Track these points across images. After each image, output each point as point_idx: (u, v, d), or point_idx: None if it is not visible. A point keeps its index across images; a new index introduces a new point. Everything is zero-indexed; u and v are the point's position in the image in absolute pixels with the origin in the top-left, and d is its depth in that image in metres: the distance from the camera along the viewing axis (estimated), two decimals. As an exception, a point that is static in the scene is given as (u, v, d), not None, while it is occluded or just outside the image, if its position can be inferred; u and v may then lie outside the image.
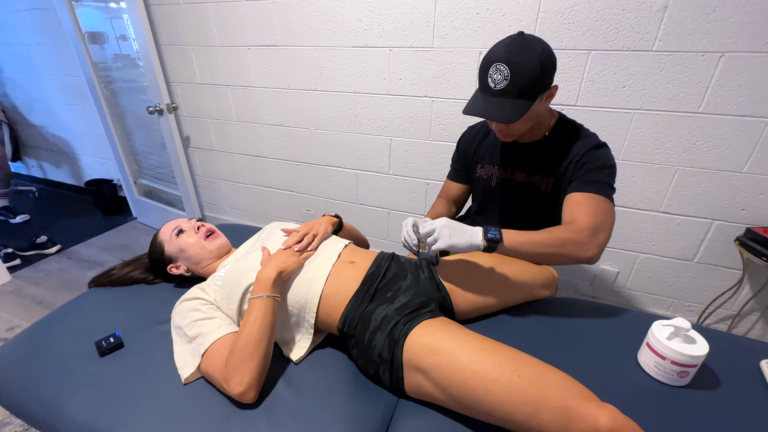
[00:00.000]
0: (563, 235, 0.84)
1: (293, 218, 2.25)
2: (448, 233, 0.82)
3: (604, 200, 0.88)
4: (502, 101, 0.84)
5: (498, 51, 0.83)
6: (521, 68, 0.81)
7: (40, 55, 2.50)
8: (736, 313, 1.51)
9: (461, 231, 0.83)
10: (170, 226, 1.03)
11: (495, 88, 0.84)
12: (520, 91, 0.83)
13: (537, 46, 0.82)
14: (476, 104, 0.88)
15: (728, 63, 1.19)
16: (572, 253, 0.83)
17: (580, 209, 0.87)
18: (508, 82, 0.82)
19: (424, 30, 1.49)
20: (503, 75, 0.82)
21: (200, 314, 0.84)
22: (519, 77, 0.81)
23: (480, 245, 0.81)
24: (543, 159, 0.99)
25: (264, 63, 1.83)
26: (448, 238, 0.81)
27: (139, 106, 2.16)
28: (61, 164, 3.01)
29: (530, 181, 1.03)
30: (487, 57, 0.85)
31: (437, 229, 0.83)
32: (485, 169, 1.11)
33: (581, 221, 0.85)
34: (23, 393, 0.79)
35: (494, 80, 0.84)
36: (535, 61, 0.81)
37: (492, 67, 0.83)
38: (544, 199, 1.01)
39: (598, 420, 0.57)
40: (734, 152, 1.29)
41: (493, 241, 0.81)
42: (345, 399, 0.76)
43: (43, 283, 1.97)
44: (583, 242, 0.83)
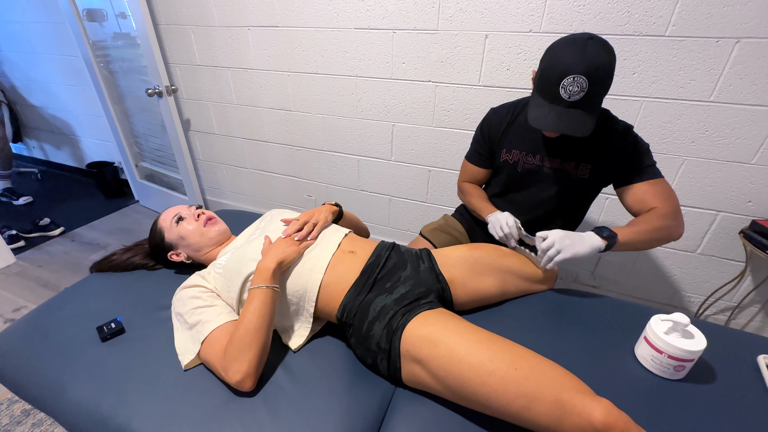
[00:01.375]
0: (659, 223, 0.89)
1: (294, 203, 2.24)
2: (570, 243, 0.86)
3: (662, 181, 0.94)
4: (576, 113, 0.83)
5: (574, 61, 0.79)
6: (600, 82, 0.80)
7: (36, 33, 2.45)
8: (736, 305, 1.51)
9: (581, 240, 0.87)
10: (170, 213, 1.03)
11: (569, 100, 0.82)
12: (594, 102, 0.82)
13: (610, 55, 0.81)
14: (547, 118, 0.85)
15: (743, 49, 1.14)
16: (668, 237, 0.91)
17: (652, 197, 0.93)
18: (584, 94, 0.80)
19: (428, 12, 1.44)
20: (581, 87, 0.80)
21: (200, 302, 0.84)
22: (597, 91, 0.81)
23: (601, 246, 0.86)
24: (578, 146, 0.99)
25: (264, 44, 1.78)
26: (571, 248, 0.86)
27: (139, 87, 2.12)
28: (62, 146, 3.00)
29: (564, 167, 1.02)
30: (562, 65, 0.80)
31: (557, 241, 0.87)
32: (512, 154, 1.09)
33: (663, 207, 0.91)
34: (27, 376, 0.80)
35: (569, 92, 0.81)
36: (611, 74, 0.81)
37: (567, 79, 0.80)
38: (579, 185, 1.03)
39: (592, 414, 0.57)
40: (744, 143, 1.26)
41: (611, 238, 0.86)
42: (343, 387, 0.77)
43: (47, 265, 1.99)
44: (673, 225, 0.90)
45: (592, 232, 0.88)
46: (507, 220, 1.03)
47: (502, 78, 1.45)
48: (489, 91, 1.49)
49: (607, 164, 0.98)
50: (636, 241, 0.89)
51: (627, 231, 0.88)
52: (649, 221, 0.90)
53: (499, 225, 1.04)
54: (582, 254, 0.86)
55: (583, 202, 1.11)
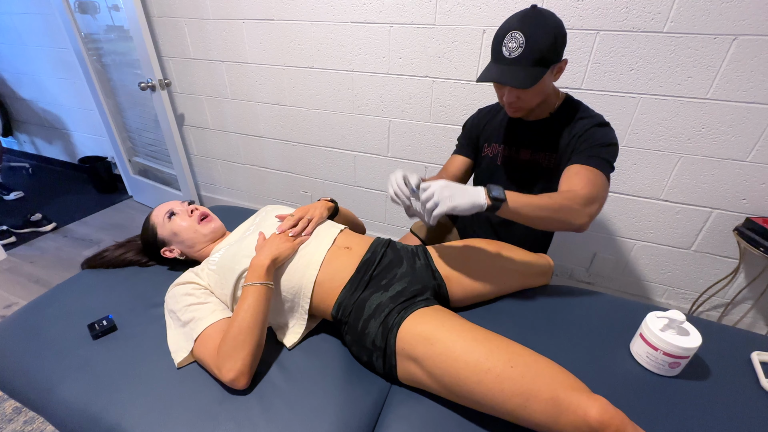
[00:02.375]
0: (561, 201, 0.83)
1: (290, 199, 2.22)
2: (449, 194, 0.75)
3: (600, 174, 0.88)
4: (517, 68, 0.85)
5: (513, 20, 0.84)
6: (536, 36, 0.82)
7: (26, 25, 2.40)
8: (729, 301, 1.52)
9: (463, 191, 0.77)
10: (162, 208, 1.01)
11: (509, 57, 0.84)
12: (534, 58, 0.83)
13: (551, 18, 0.84)
14: (490, 72, 0.88)
15: (741, 47, 1.14)
16: (566, 219, 0.83)
17: (577, 179, 0.87)
18: (522, 49, 0.82)
19: (425, 6, 1.42)
20: (518, 43, 0.82)
21: (194, 299, 0.83)
22: (534, 45, 0.82)
23: (483, 204, 0.76)
24: (548, 137, 0.99)
25: (259, 38, 1.76)
26: (449, 200, 0.75)
27: (131, 80, 2.09)
28: (53, 140, 2.95)
29: (534, 158, 1.03)
30: (502, 27, 0.86)
31: (436, 192, 0.76)
32: (491, 147, 1.11)
33: (578, 190, 0.85)
34: (16, 374, 0.79)
35: (509, 48, 0.84)
36: (550, 31, 0.83)
37: (507, 36, 0.84)
38: (547, 175, 1.02)
39: (588, 412, 0.57)
40: (740, 140, 1.26)
41: (497, 200, 0.76)
42: (338, 385, 0.77)
43: (38, 261, 1.96)
44: (577, 210, 0.83)
45: (483, 187, 0.79)
46: (396, 176, 0.89)
47: (499, 74, 1.44)
48: (486, 86, 1.48)
49: (565, 152, 0.96)
50: (528, 214, 0.80)
51: (522, 199, 0.80)
52: (552, 197, 0.83)
53: (389, 183, 0.91)
54: (461, 207, 0.75)
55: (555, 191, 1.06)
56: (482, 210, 0.77)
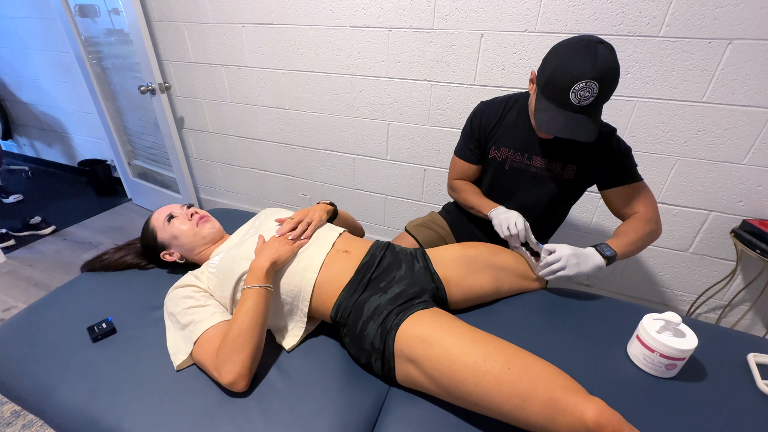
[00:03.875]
0: (647, 229, 0.96)
1: (289, 202, 2.23)
2: (576, 262, 0.90)
3: (644, 184, 1.00)
4: (584, 118, 0.83)
5: (587, 66, 0.78)
6: (609, 88, 0.81)
7: (27, 29, 2.42)
8: (727, 303, 1.53)
9: (585, 259, 0.91)
10: (162, 212, 1.02)
11: (578, 105, 0.81)
12: (600, 108, 0.84)
13: (617, 61, 0.81)
14: (557, 121, 0.84)
15: (736, 51, 1.15)
16: (652, 241, 0.99)
17: (637, 201, 0.99)
18: (594, 99, 0.80)
19: (424, 10, 1.43)
20: (592, 92, 0.79)
21: (193, 302, 0.83)
22: (605, 96, 0.81)
23: (603, 265, 0.91)
24: (565, 147, 1.00)
25: (259, 42, 1.77)
26: (576, 267, 0.90)
27: (131, 84, 2.10)
28: (53, 143, 2.96)
29: (550, 168, 1.03)
30: (574, 70, 0.79)
31: (564, 258, 0.90)
32: (500, 151, 1.09)
33: (647, 211, 0.98)
34: (16, 377, 0.79)
35: (579, 97, 0.80)
36: (618, 78, 0.81)
37: (580, 83, 0.79)
38: (564, 186, 1.04)
39: (584, 413, 0.57)
40: (736, 143, 1.27)
41: (612, 259, 0.92)
42: (337, 387, 0.77)
43: (38, 265, 1.96)
44: (658, 228, 0.99)
45: (594, 250, 0.92)
46: (516, 220, 0.99)
47: (497, 77, 1.45)
48: (484, 90, 1.49)
49: (592, 166, 1.00)
50: (630, 252, 0.95)
51: (622, 244, 0.93)
52: (638, 230, 0.96)
53: (506, 224, 1.00)
54: (584, 273, 0.91)
55: (567, 202, 1.13)
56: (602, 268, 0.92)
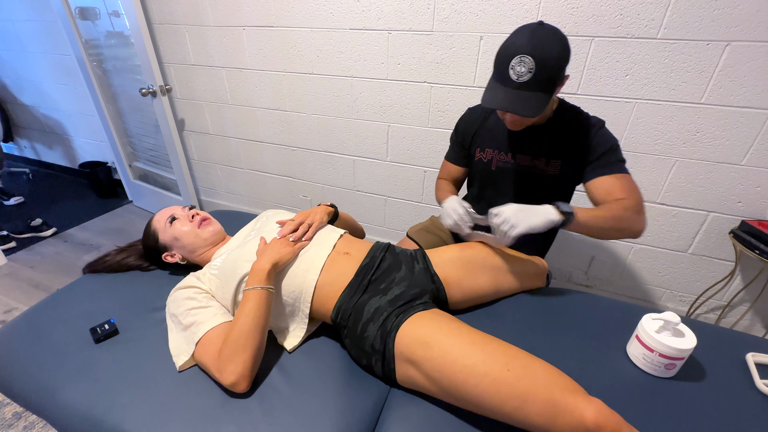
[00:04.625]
0: (621, 213, 0.88)
1: (290, 204, 2.24)
2: (524, 216, 0.84)
3: (629, 176, 0.95)
4: (525, 94, 0.83)
5: (522, 41, 0.80)
6: (546, 61, 0.79)
7: (28, 31, 2.42)
8: (726, 304, 1.53)
9: (535, 212, 0.85)
10: (164, 214, 1.02)
11: (517, 81, 0.82)
12: (542, 84, 0.82)
13: (559, 38, 0.81)
14: (496, 97, 0.86)
15: (733, 52, 1.16)
16: (627, 228, 0.90)
17: (619, 190, 0.92)
18: (532, 75, 0.80)
19: (424, 12, 1.44)
20: (527, 68, 0.80)
21: (195, 303, 0.84)
22: (543, 70, 0.80)
23: (557, 220, 0.84)
24: (548, 143, 1.00)
25: (259, 44, 1.78)
26: (525, 222, 0.83)
27: (132, 86, 2.11)
28: (54, 146, 2.96)
29: (534, 164, 1.03)
30: (510, 47, 0.82)
31: (511, 216, 0.84)
32: (485, 152, 1.11)
33: (628, 199, 0.90)
34: (19, 378, 0.79)
35: (517, 72, 0.81)
36: (559, 54, 0.81)
37: (515, 59, 0.80)
38: (550, 182, 1.03)
39: (584, 413, 0.58)
40: (734, 144, 1.27)
41: (568, 214, 0.84)
42: (338, 388, 0.78)
43: (39, 266, 1.97)
44: (635, 218, 0.90)
45: (550, 205, 0.87)
46: (454, 206, 0.99)
47: (496, 79, 1.45)
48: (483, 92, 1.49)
49: (576, 159, 0.98)
50: (594, 226, 0.87)
51: (587, 212, 0.87)
52: (612, 209, 0.89)
53: (446, 213, 1.00)
54: (537, 226, 0.84)
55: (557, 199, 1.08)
56: (556, 226, 0.85)
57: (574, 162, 0.98)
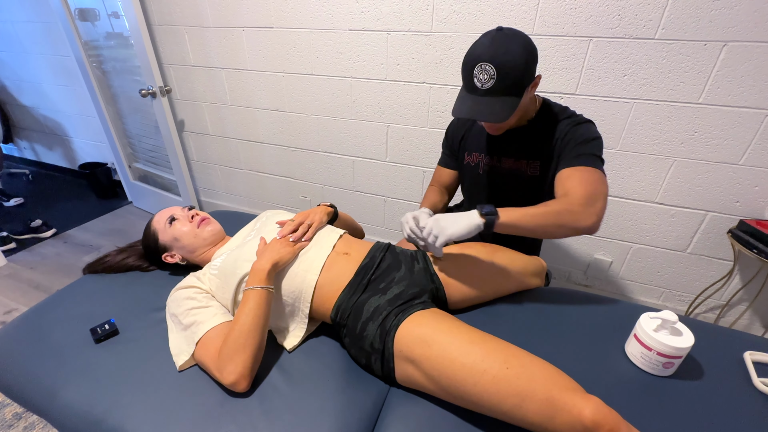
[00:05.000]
0: (558, 207, 0.82)
1: (289, 204, 2.24)
2: (444, 225, 0.81)
3: (593, 170, 0.87)
4: (491, 100, 0.84)
5: (481, 50, 0.82)
6: (507, 66, 0.80)
7: (27, 32, 2.43)
8: (725, 303, 1.53)
9: (455, 219, 0.81)
10: (163, 214, 1.03)
11: (482, 88, 0.83)
12: (508, 88, 0.83)
13: (519, 41, 0.81)
14: (464, 105, 0.87)
15: (731, 53, 1.17)
16: (570, 223, 0.82)
17: (571, 182, 0.86)
18: (495, 81, 0.81)
19: (422, 13, 1.45)
20: (489, 75, 0.81)
21: (195, 303, 0.84)
22: (506, 75, 0.81)
23: (479, 223, 0.79)
24: (529, 144, 1.00)
25: (259, 45, 1.78)
26: (444, 231, 0.81)
27: (132, 87, 2.11)
28: (54, 147, 2.97)
29: (517, 166, 1.03)
30: (470, 56, 0.83)
31: (431, 227, 0.82)
32: (472, 156, 1.11)
33: (574, 192, 0.84)
34: (19, 379, 0.80)
35: (480, 80, 0.83)
36: (520, 57, 0.80)
37: (477, 67, 0.82)
38: (531, 183, 1.02)
39: (582, 411, 0.58)
40: (732, 144, 1.28)
41: (489, 215, 0.80)
42: (337, 387, 0.78)
43: (39, 267, 1.97)
44: (580, 211, 0.81)
45: (475, 209, 0.82)
46: (407, 218, 0.94)
47: (495, 80, 1.46)
48: (482, 92, 1.50)
49: (550, 158, 0.97)
50: (527, 224, 0.81)
51: (515, 212, 0.81)
52: (548, 204, 0.83)
53: (402, 225, 0.96)
54: (459, 233, 0.80)
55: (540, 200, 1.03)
56: (481, 229, 0.80)
57: (550, 161, 0.97)
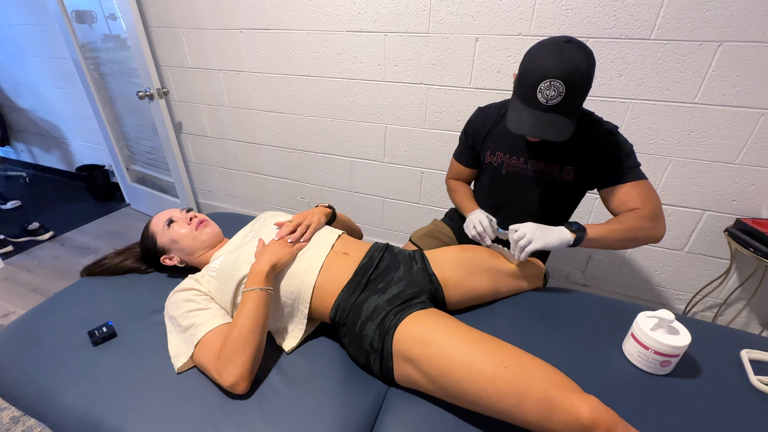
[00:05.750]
0: (635, 224, 0.90)
1: (288, 206, 2.24)
2: (541, 234, 0.88)
3: (645, 182, 0.94)
4: (555, 117, 0.82)
5: (551, 65, 0.78)
6: (577, 84, 0.78)
7: (24, 35, 2.43)
8: (722, 301, 1.54)
9: (551, 231, 0.89)
10: (162, 216, 1.03)
11: (546, 104, 0.81)
12: (573, 106, 0.82)
13: (586, 57, 0.79)
14: (526, 122, 0.84)
15: (726, 52, 1.17)
16: (646, 238, 0.91)
17: (634, 198, 0.93)
18: (562, 98, 0.79)
19: (420, 14, 1.45)
20: (558, 92, 0.79)
21: (194, 305, 0.84)
22: (574, 95, 0.80)
23: (570, 239, 0.88)
24: (561, 149, 0.98)
25: (256, 47, 1.78)
26: (541, 239, 0.88)
27: (129, 89, 2.11)
28: (51, 149, 2.96)
29: (547, 170, 1.02)
30: (538, 69, 0.80)
31: (528, 232, 0.89)
32: (495, 156, 1.09)
33: (643, 208, 0.91)
34: (17, 382, 0.79)
35: (546, 96, 0.80)
36: (588, 76, 0.80)
37: (544, 83, 0.79)
38: (563, 188, 1.03)
39: (579, 411, 0.58)
40: (728, 143, 1.29)
41: (579, 233, 0.88)
42: (336, 387, 0.78)
43: (36, 270, 1.96)
44: (654, 226, 0.91)
45: (563, 226, 0.90)
46: (480, 218, 1.05)
47: (492, 80, 1.47)
48: (480, 93, 1.50)
49: (590, 166, 0.98)
50: (608, 239, 0.90)
51: (598, 228, 0.90)
52: (625, 221, 0.91)
53: (472, 224, 1.06)
54: (552, 245, 0.88)
55: (568, 204, 1.10)
56: (570, 245, 0.88)
57: (589, 169, 0.98)
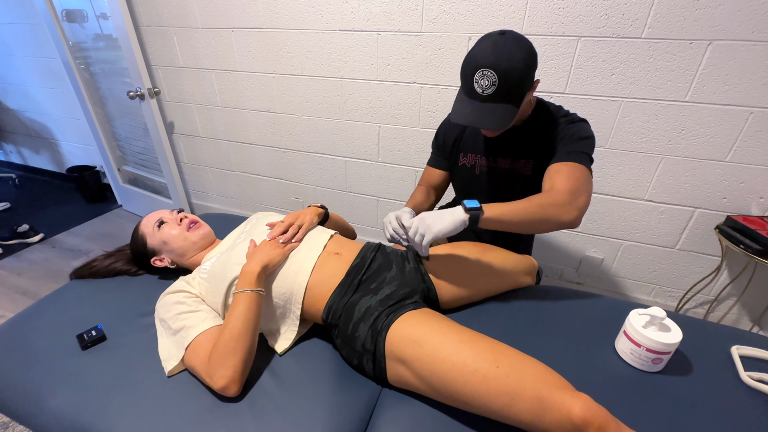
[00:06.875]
0: (542, 201, 0.83)
1: (282, 206, 2.23)
2: (429, 223, 0.80)
3: (580, 167, 0.88)
4: (491, 106, 0.83)
5: (483, 55, 0.80)
6: (509, 73, 0.79)
7: (12, 34, 2.39)
8: (713, 298, 1.56)
9: (440, 216, 0.81)
10: (152, 217, 1.01)
11: (482, 94, 0.82)
12: (509, 95, 0.81)
13: (521, 47, 0.80)
14: (464, 111, 0.86)
15: (715, 51, 1.18)
16: (553, 217, 0.82)
17: (557, 176, 0.87)
18: (496, 87, 0.80)
19: (412, 13, 1.45)
20: (491, 81, 0.80)
21: (185, 307, 0.83)
22: (507, 82, 0.79)
23: (464, 219, 0.79)
24: (525, 144, 0.99)
25: (249, 46, 1.77)
26: (431, 229, 0.79)
27: (120, 89, 2.08)
28: (41, 150, 2.92)
29: (513, 166, 1.03)
30: (472, 61, 0.81)
31: (420, 227, 0.81)
32: (468, 157, 1.11)
33: (559, 186, 0.85)
34: (4, 386, 0.78)
35: (481, 86, 0.81)
36: (522, 64, 0.79)
37: (478, 73, 0.80)
38: (526, 182, 1.02)
39: (571, 409, 0.58)
40: (718, 141, 1.30)
41: (474, 210, 0.79)
42: (329, 389, 0.77)
43: (26, 273, 1.93)
44: (563, 205, 0.82)
45: (459, 206, 0.82)
46: (390, 218, 0.94)
47: (485, 79, 1.46)
48: (473, 92, 1.50)
49: (543, 157, 0.96)
50: (511, 219, 0.81)
51: (500, 207, 0.81)
52: (531, 199, 0.83)
53: (384, 226, 0.96)
54: (446, 230, 0.79)
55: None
56: (466, 225, 0.80)
57: (542, 160, 0.96)
